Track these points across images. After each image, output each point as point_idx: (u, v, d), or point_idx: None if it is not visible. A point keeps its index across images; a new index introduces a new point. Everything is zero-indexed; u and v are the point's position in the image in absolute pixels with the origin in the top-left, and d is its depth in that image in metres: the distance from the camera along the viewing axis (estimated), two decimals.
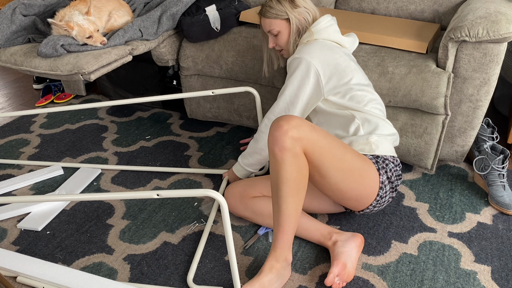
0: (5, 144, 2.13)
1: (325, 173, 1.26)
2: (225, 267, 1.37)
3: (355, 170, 1.28)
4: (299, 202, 1.24)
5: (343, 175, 1.27)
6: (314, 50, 1.41)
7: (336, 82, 1.41)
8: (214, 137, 2.12)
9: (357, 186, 1.30)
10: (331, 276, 1.24)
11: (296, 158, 1.20)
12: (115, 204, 1.66)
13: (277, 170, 1.22)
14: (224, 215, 1.09)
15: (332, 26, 1.50)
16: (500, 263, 1.36)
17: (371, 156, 1.35)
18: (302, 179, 1.22)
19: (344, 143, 1.29)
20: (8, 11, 1.77)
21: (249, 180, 1.52)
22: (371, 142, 1.36)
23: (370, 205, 1.38)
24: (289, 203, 1.22)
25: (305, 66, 1.40)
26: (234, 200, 1.50)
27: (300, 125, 1.20)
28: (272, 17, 1.49)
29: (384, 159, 1.35)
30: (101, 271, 1.37)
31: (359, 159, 1.29)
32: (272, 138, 1.21)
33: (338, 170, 1.26)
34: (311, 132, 1.21)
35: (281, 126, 1.19)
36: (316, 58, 1.40)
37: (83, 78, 1.59)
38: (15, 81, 2.93)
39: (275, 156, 1.21)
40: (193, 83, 2.03)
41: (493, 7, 1.51)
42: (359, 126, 1.39)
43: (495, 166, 1.62)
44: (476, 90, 1.54)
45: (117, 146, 2.07)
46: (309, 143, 1.20)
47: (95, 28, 1.64)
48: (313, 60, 1.39)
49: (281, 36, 1.51)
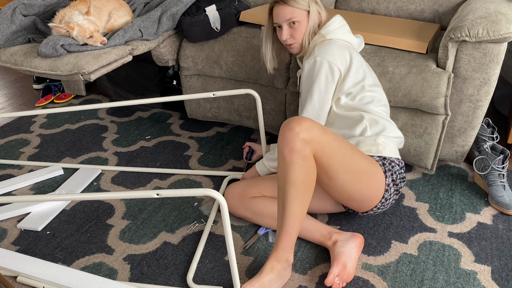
0: (5, 144, 2.13)
1: (333, 175, 1.26)
2: (225, 267, 1.37)
3: (363, 172, 1.28)
4: (305, 205, 1.24)
5: (351, 177, 1.27)
6: (333, 51, 1.39)
7: (352, 81, 1.41)
8: (214, 137, 2.12)
9: (364, 188, 1.31)
10: (331, 276, 1.24)
11: (305, 160, 1.20)
12: (115, 204, 1.66)
13: (285, 172, 1.22)
14: (224, 215, 1.09)
15: (344, 26, 1.49)
16: (500, 263, 1.36)
17: (377, 157, 1.35)
18: (309, 182, 1.22)
19: (352, 145, 1.29)
20: (8, 11, 1.77)
21: (249, 180, 1.52)
22: (379, 143, 1.37)
23: (375, 207, 1.38)
24: (295, 205, 1.22)
25: (329, 69, 1.38)
26: (234, 200, 1.50)
27: (311, 127, 1.20)
28: (296, 6, 1.43)
29: (391, 161, 1.36)
30: (101, 271, 1.37)
31: (367, 162, 1.30)
32: (282, 139, 1.21)
33: (346, 172, 1.26)
34: (321, 134, 1.21)
35: (292, 128, 1.19)
36: (338, 59, 1.39)
37: (83, 78, 1.59)
38: (15, 81, 2.93)
39: (284, 157, 1.21)
40: (193, 83, 2.03)
41: (493, 7, 1.51)
42: (366, 127, 1.39)
43: (495, 166, 1.62)
44: (476, 90, 1.54)
45: (117, 146, 2.07)
46: (319, 146, 1.20)
47: (95, 28, 1.64)
48: (335, 62, 1.38)
49: (300, 27, 1.45)
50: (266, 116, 1.95)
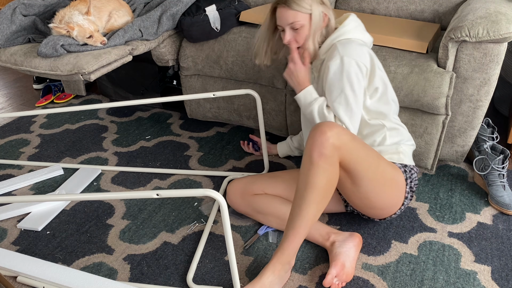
0: (5, 144, 2.13)
1: (358, 182, 1.26)
2: (225, 267, 1.37)
3: (387, 179, 1.29)
4: (320, 210, 1.23)
5: (375, 184, 1.27)
6: (357, 49, 1.33)
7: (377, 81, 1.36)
8: (214, 137, 2.12)
9: (386, 195, 1.32)
10: (329, 277, 1.24)
11: (332, 166, 1.19)
12: (115, 204, 1.66)
13: (308, 174, 1.20)
14: (224, 215, 1.09)
15: (360, 25, 1.44)
16: (500, 263, 1.36)
17: (400, 165, 1.36)
18: (330, 188, 1.22)
19: (377, 153, 1.29)
20: (8, 11, 1.77)
21: (251, 177, 1.53)
22: (400, 151, 1.37)
23: (393, 213, 1.40)
24: (311, 209, 1.21)
25: (358, 67, 1.31)
26: (236, 196, 1.50)
27: (342, 133, 1.19)
28: (298, 9, 1.35)
29: (410, 169, 1.38)
30: (101, 271, 1.37)
31: (391, 169, 1.30)
32: (312, 141, 1.20)
33: (371, 180, 1.26)
34: (351, 141, 1.21)
35: (324, 132, 1.18)
36: (363, 57, 1.33)
37: (83, 78, 1.59)
38: (15, 81, 2.93)
39: (312, 160, 1.19)
40: (193, 83, 2.03)
41: (493, 7, 1.51)
42: (385, 136, 1.38)
43: (495, 166, 1.62)
44: (476, 90, 1.54)
45: (117, 146, 2.07)
46: (347, 152, 1.20)
47: (95, 28, 1.64)
48: (362, 60, 1.32)
49: (303, 31, 1.38)
50: (266, 116, 1.95)
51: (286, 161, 1.90)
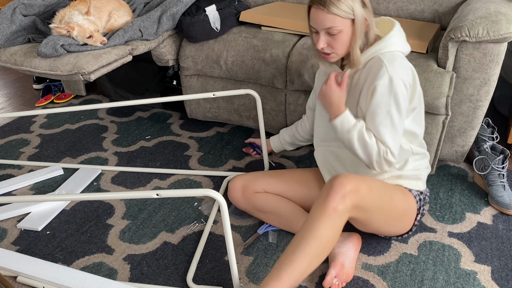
0: (5, 144, 2.13)
1: (369, 220, 1.24)
2: (225, 267, 1.37)
3: (399, 214, 1.28)
4: (314, 266, 1.13)
5: (386, 218, 1.27)
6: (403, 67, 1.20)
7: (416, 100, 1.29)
8: (214, 137, 2.12)
9: (396, 226, 1.32)
10: (328, 277, 1.24)
11: (341, 218, 1.14)
12: (115, 204, 1.66)
13: (315, 223, 1.12)
14: (223, 215, 1.09)
15: (403, 35, 1.28)
16: (500, 263, 1.36)
17: (416, 192, 1.34)
18: (333, 241, 1.15)
19: (391, 189, 1.26)
20: (8, 11, 1.78)
21: (251, 174, 1.52)
22: (420, 178, 1.36)
23: (400, 236, 1.42)
24: (305, 261, 1.10)
25: (405, 89, 1.19)
26: (237, 193, 1.50)
27: (360, 188, 1.15)
28: (337, 13, 1.15)
29: (425, 195, 1.37)
30: (101, 271, 1.37)
31: (405, 203, 1.29)
32: (330, 190, 1.14)
33: (382, 220, 1.26)
34: (368, 194, 1.17)
35: (344, 185, 1.13)
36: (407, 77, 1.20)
37: (83, 78, 1.59)
38: (15, 81, 2.93)
39: (325, 210, 1.12)
40: (193, 83, 2.03)
41: (493, 7, 1.51)
42: (408, 160, 1.34)
43: (495, 166, 1.62)
44: (476, 90, 1.54)
45: (117, 146, 2.07)
46: (362, 203, 1.17)
47: (95, 28, 1.64)
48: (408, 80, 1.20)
49: (341, 38, 1.20)
50: (266, 116, 1.95)
51: (286, 161, 1.90)
